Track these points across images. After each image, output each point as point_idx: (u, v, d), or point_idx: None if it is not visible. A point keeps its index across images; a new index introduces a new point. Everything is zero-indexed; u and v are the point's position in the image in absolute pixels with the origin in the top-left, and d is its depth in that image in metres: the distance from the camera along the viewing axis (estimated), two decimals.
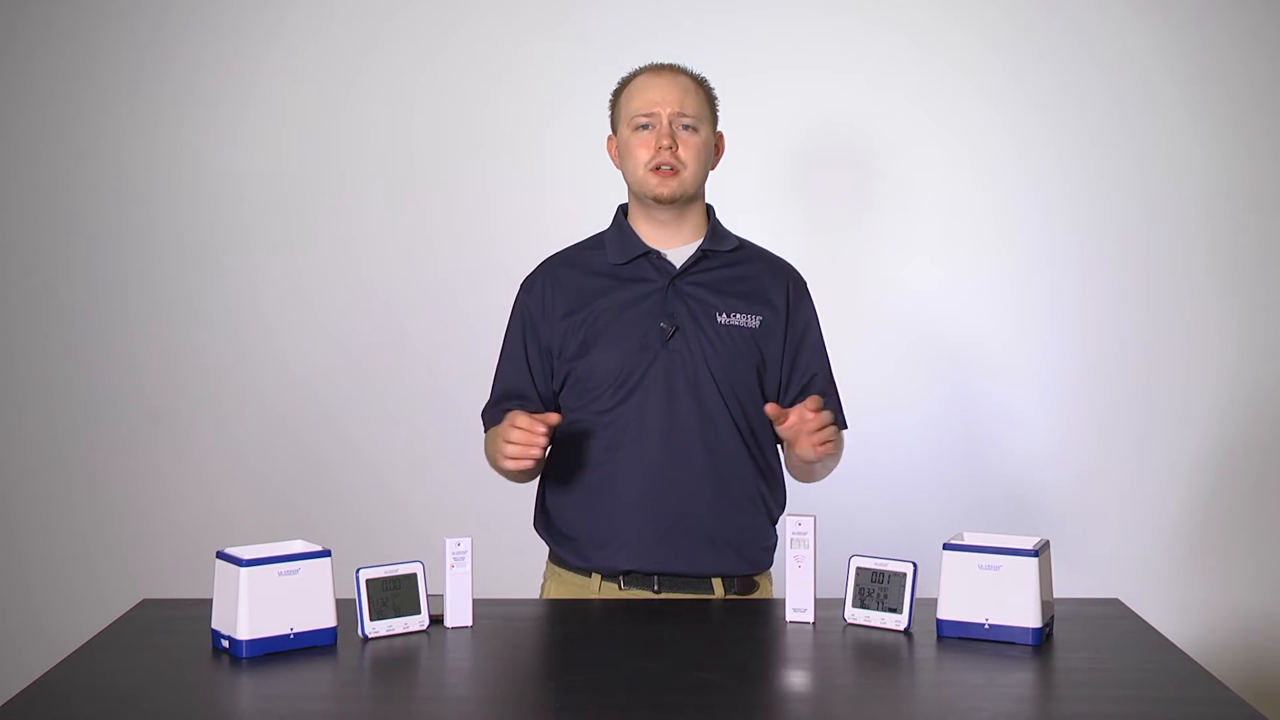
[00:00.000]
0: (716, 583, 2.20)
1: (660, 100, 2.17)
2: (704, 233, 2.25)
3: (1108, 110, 3.37)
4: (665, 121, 2.16)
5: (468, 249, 3.41)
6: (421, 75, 3.43)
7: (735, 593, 2.21)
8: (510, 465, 2.06)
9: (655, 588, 2.17)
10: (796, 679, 1.85)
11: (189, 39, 3.44)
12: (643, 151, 2.17)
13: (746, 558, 2.22)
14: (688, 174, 2.17)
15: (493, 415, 2.26)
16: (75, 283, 3.49)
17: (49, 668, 1.78)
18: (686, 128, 2.18)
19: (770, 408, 2.05)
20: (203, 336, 3.47)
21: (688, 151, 2.17)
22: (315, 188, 3.46)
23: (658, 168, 2.16)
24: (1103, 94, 3.37)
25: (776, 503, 2.28)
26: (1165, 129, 3.37)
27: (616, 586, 2.19)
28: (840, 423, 2.26)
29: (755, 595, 2.23)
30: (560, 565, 2.27)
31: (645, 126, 2.18)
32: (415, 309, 3.45)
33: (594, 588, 2.20)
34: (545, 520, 2.28)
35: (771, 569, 2.28)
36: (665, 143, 2.15)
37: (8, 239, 3.50)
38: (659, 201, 2.18)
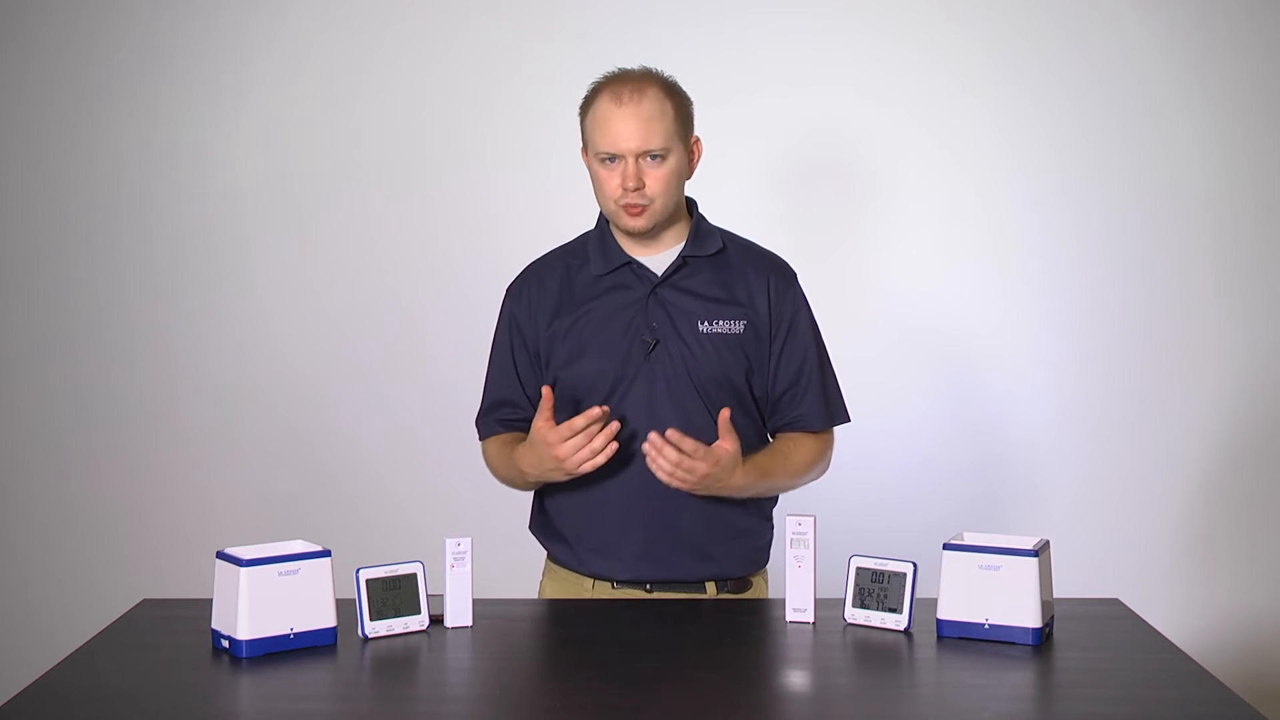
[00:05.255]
0: (709, 584, 2.20)
1: (623, 136, 2.09)
2: (685, 236, 2.23)
3: (1103, 108, 3.36)
4: (631, 162, 2.11)
5: (468, 250, 3.40)
6: (420, 76, 3.42)
7: (728, 592, 2.21)
8: (584, 470, 2.05)
9: (647, 587, 2.18)
10: (796, 679, 1.85)
11: (188, 39, 3.44)
12: (610, 186, 2.13)
13: (739, 560, 2.22)
14: (657, 205, 2.13)
15: (487, 425, 2.28)
16: (75, 283, 3.49)
17: (49, 668, 1.78)
18: (654, 158, 2.11)
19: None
20: (202, 337, 3.47)
21: (656, 184, 2.12)
22: (315, 188, 3.45)
23: (626, 204, 2.13)
24: (1098, 92, 3.36)
25: (768, 500, 2.28)
26: (1163, 127, 3.37)
27: (610, 586, 2.20)
28: (840, 417, 2.27)
29: (749, 594, 2.23)
30: (556, 563, 2.28)
31: (611, 159, 2.13)
32: (415, 309, 3.45)
33: (587, 586, 2.21)
34: (542, 520, 2.29)
35: (768, 567, 2.28)
36: (630, 184, 2.10)
37: (8, 239, 3.50)
38: (630, 234, 2.18)
